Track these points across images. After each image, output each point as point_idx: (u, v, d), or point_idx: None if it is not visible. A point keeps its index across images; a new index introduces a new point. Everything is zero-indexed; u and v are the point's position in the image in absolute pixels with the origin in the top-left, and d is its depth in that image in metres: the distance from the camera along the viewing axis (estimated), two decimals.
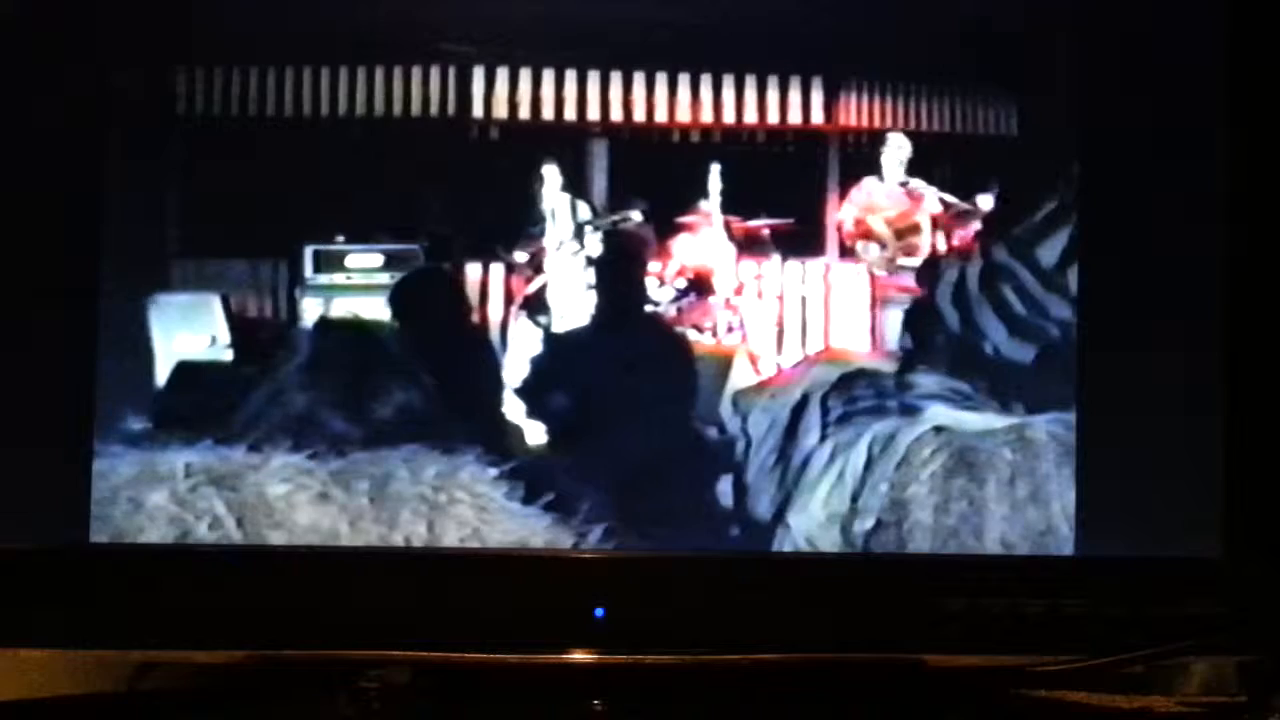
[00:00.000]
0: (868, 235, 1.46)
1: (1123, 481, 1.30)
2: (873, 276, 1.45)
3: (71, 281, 1.29)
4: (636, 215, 1.42)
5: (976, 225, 1.42)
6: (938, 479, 1.33)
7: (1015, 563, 1.31)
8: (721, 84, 1.41)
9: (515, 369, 1.39)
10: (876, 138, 1.41)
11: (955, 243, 1.44)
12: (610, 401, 1.38)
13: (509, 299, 1.44)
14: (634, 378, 1.39)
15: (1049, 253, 1.36)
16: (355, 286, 1.39)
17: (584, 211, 1.43)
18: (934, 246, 1.46)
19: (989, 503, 1.33)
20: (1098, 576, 1.28)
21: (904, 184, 1.44)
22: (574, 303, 1.44)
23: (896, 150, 1.42)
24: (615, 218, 1.42)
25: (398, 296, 1.38)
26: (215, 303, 1.37)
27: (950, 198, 1.43)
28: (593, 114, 1.38)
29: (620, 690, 1.29)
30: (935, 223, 1.46)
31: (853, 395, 1.37)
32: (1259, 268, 1.29)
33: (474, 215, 1.42)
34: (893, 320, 1.43)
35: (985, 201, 1.41)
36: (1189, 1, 1.32)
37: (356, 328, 1.38)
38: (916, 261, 1.45)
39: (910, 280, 1.44)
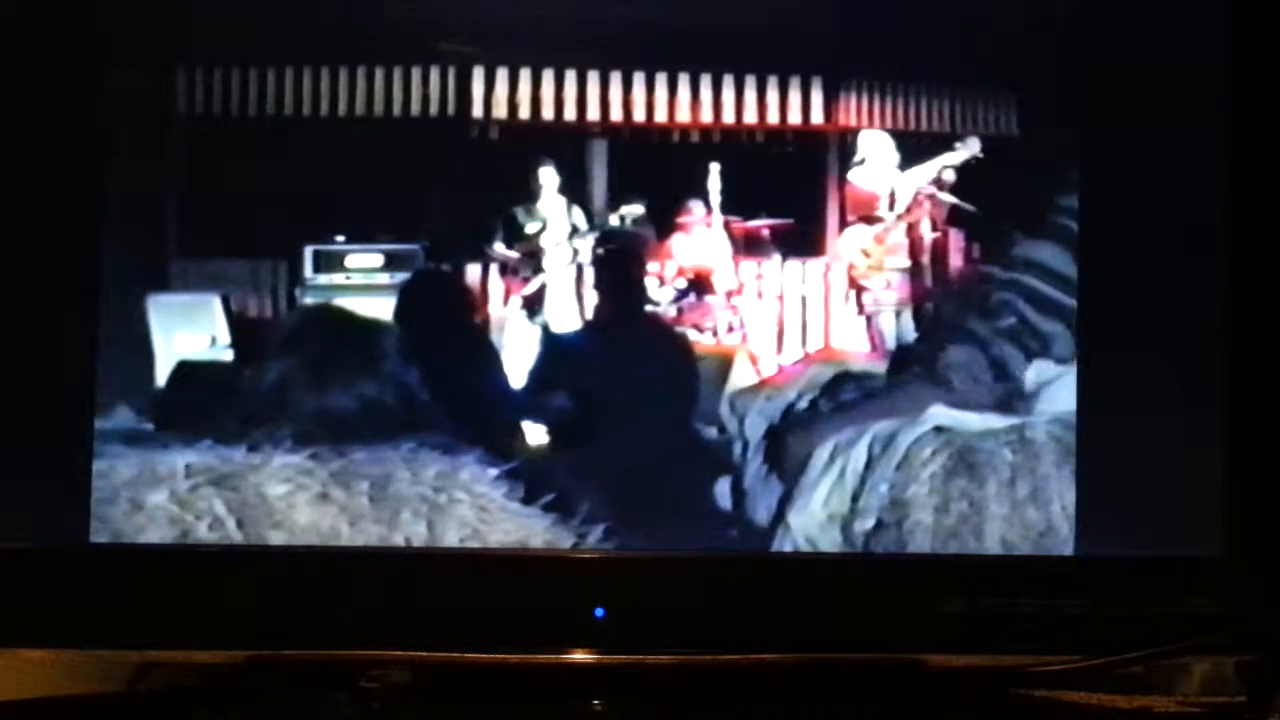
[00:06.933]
0: (854, 240, 1.45)
1: (1123, 481, 1.30)
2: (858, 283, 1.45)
3: (71, 281, 1.29)
4: (639, 209, 1.42)
5: (973, 226, 1.42)
6: (938, 479, 1.33)
7: (1015, 563, 1.31)
8: (721, 84, 1.41)
9: (516, 369, 1.39)
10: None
11: (953, 243, 1.44)
12: (611, 401, 1.38)
13: (509, 299, 1.44)
14: (634, 378, 1.39)
15: (1048, 252, 1.36)
16: (355, 286, 1.39)
17: (583, 212, 1.43)
18: (932, 247, 1.46)
19: (989, 503, 1.33)
20: (1098, 576, 1.28)
21: (895, 184, 1.44)
22: (574, 303, 1.44)
23: (890, 150, 1.42)
24: (616, 217, 1.42)
25: (401, 299, 1.37)
26: (215, 303, 1.37)
27: (948, 197, 1.43)
28: (593, 114, 1.38)
29: (620, 690, 1.29)
30: (933, 223, 1.46)
31: (853, 395, 1.37)
32: (1260, 268, 1.29)
33: (474, 215, 1.42)
34: (893, 320, 1.43)
35: (980, 200, 1.41)
36: (1189, 1, 1.32)
37: (357, 328, 1.38)
38: (907, 262, 1.45)
39: (904, 282, 1.44)
